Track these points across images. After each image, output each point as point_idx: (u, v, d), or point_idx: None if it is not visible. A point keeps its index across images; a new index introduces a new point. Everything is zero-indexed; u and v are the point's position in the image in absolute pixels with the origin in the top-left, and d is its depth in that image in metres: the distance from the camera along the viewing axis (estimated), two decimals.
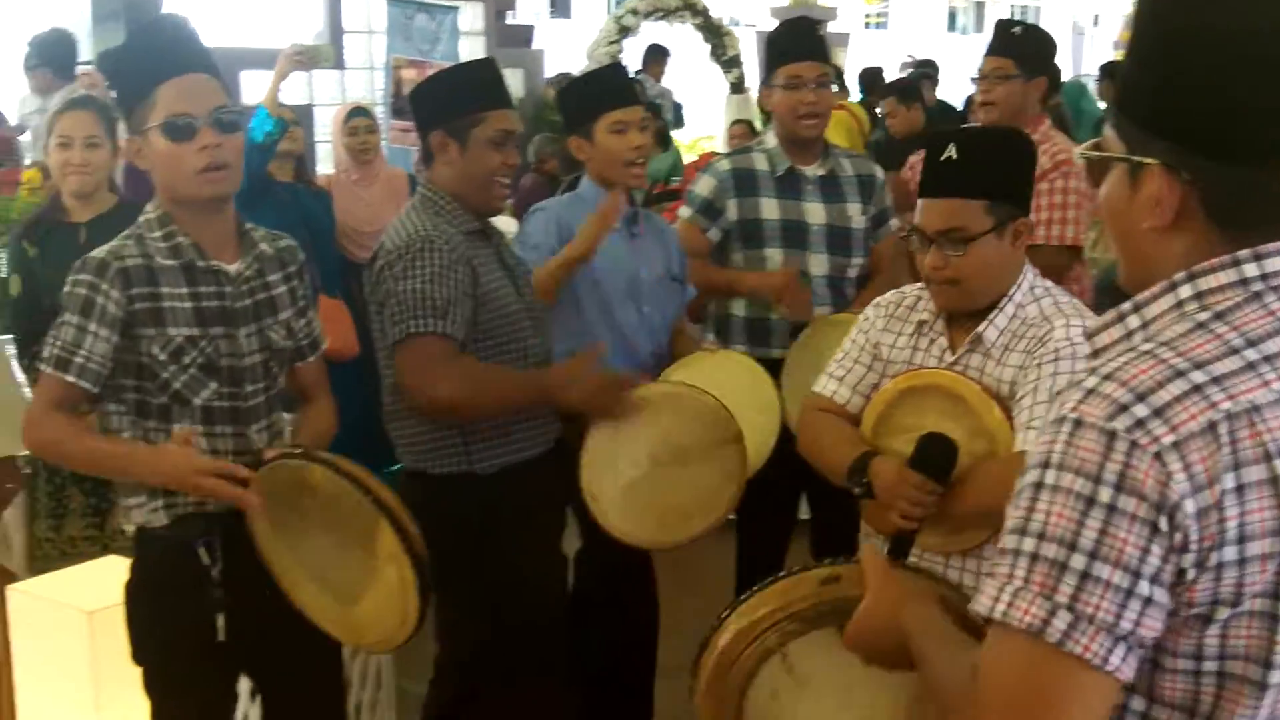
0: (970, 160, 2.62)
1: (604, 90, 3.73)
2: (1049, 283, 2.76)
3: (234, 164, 2.74)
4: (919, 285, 2.84)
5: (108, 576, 2.94)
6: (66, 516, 3.99)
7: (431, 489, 3.20)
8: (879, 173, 4.30)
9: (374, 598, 2.66)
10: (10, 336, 4.28)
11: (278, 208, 5.28)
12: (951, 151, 2.62)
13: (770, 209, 4.10)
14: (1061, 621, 1.38)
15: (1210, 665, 1.44)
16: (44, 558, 3.94)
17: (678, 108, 12.66)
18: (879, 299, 2.95)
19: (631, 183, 3.75)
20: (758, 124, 10.44)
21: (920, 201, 2.69)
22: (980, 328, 2.66)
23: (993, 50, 4.54)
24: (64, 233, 4.06)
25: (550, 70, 13.21)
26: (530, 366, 3.24)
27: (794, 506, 4.31)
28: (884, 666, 1.76)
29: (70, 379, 2.66)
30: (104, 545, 4.02)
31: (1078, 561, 1.37)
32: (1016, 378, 2.60)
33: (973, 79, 4.72)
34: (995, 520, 2.29)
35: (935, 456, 2.50)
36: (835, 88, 4.24)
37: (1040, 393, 2.52)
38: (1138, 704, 1.48)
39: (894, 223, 4.30)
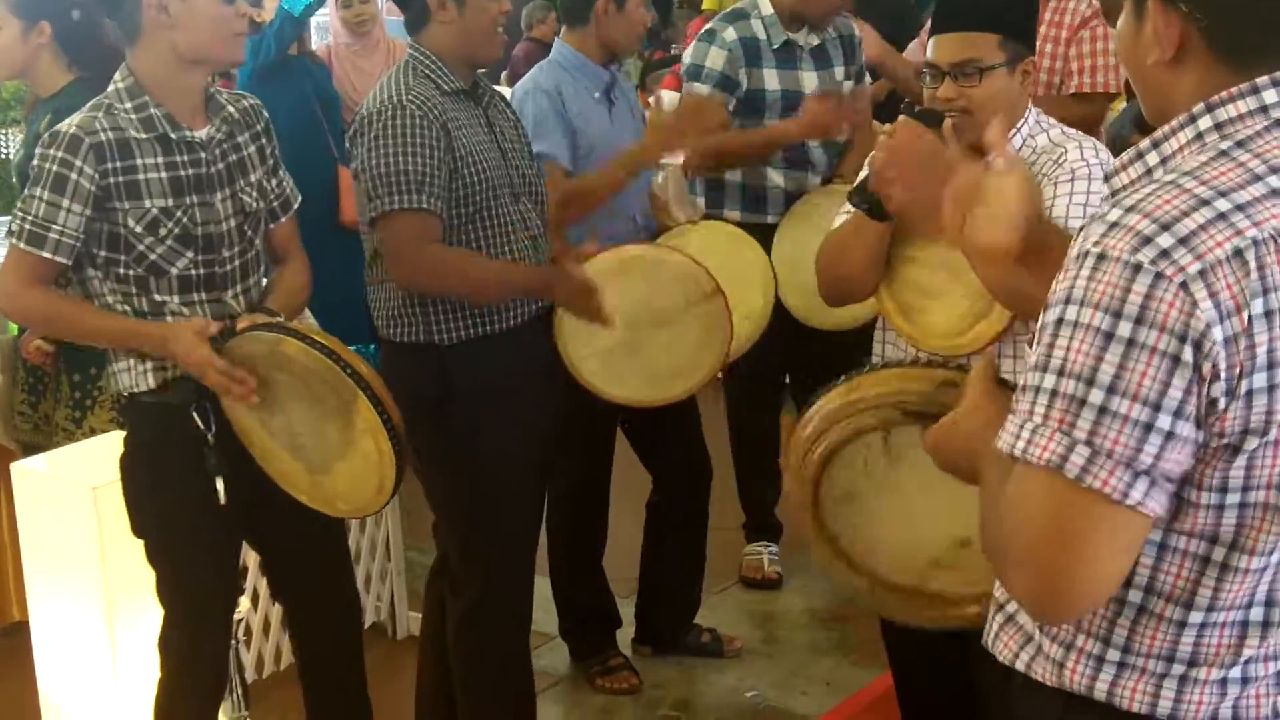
0: None
1: None
2: (1050, 119, 2.76)
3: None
4: None
5: (113, 452, 2.91)
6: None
7: (392, 357, 3.14)
8: (857, 30, 4.29)
9: (348, 468, 2.63)
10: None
11: (292, 80, 5.27)
12: None
13: (771, 80, 4.08)
14: (1079, 457, 1.39)
15: (1233, 498, 1.45)
16: None
17: None
18: None
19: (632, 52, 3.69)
20: None
21: (932, 40, 2.70)
22: (989, 157, 2.58)
23: None
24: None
25: None
26: (517, 238, 3.11)
27: (781, 378, 4.36)
28: (961, 479, 1.74)
29: (46, 255, 2.64)
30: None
31: (1095, 396, 1.38)
32: None
33: None
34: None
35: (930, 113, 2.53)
36: None
37: (1057, 208, 2.50)
38: (1154, 535, 1.48)
39: (868, 81, 4.33)
